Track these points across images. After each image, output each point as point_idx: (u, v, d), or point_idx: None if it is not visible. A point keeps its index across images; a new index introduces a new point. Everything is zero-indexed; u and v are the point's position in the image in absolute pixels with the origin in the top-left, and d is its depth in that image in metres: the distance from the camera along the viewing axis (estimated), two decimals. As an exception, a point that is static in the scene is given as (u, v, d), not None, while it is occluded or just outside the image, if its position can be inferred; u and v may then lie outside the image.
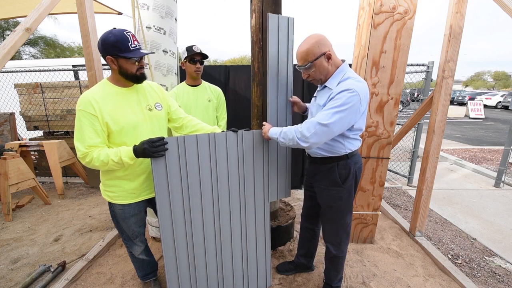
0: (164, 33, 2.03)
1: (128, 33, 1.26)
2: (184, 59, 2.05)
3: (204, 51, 2.02)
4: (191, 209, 1.46)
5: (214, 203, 1.52)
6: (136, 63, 1.30)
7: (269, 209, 1.74)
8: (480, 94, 20.91)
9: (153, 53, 1.42)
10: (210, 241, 1.55)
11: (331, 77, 1.38)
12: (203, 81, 2.20)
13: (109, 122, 1.28)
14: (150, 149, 1.25)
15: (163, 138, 1.29)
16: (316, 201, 1.68)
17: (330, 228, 1.62)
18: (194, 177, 1.44)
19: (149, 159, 1.36)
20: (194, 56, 1.99)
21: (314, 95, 1.55)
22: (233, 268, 1.65)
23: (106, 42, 1.24)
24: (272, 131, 1.45)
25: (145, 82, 1.46)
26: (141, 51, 1.29)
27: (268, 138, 1.49)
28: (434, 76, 3.23)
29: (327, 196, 1.53)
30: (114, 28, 1.27)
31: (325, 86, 1.40)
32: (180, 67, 2.82)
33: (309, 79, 1.43)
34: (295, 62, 1.50)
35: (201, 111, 2.10)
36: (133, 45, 1.26)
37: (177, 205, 1.42)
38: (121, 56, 1.25)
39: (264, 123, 1.57)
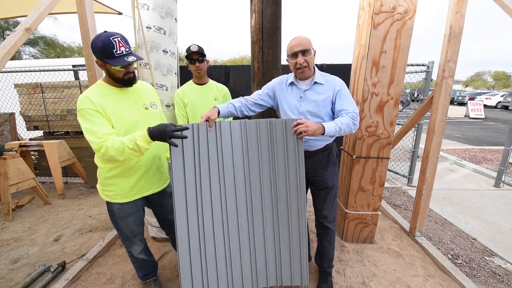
0: (164, 33, 2.03)
1: (115, 39, 1.23)
2: (187, 61, 2.06)
3: (202, 48, 2.01)
4: (202, 197, 1.47)
5: (221, 194, 1.51)
6: (123, 69, 1.30)
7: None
8: (480, 94, 20.90)
9: (142, 59, 1.41)
10: (219, 229, 1.53)
11: (315, 74, 1.59)
12: (210, 80, 2.18)
13: (112, 119, 1.30)
14: (169, 133, 1.21)
15: (186, 128, 1.29)
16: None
17: (331, 207, 1.74)
18: (208, 168, 1.47)
19: (148, 155, 1.41)
20: (191, 56, 1.99)
21: (300, 95, 1.60)
22: (241, 259, 1.61)
23: (94, 47, 1.25)
24: (330, 128, 1.41)
25: (140, 82, 1.48)
26: (126, 58, 1.26)
27: (312, 135, 1.41)
28: (434, 76, 3.23)
29: (330, 177, 1.69)
30: (105, 32, 1.26)
31: (316, 83, 1.58)
32: (181, 67, 2.83)
33: (302, 65, 1.50)
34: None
35: (207, 109, 2.10)
36: (118, 52, 1.24)
37: (191, 193, 1.46)
38: (106, 62, 1.26)
39: (302, 120, 1.43)
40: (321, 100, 1.55)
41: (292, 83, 1.64)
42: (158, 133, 1.22)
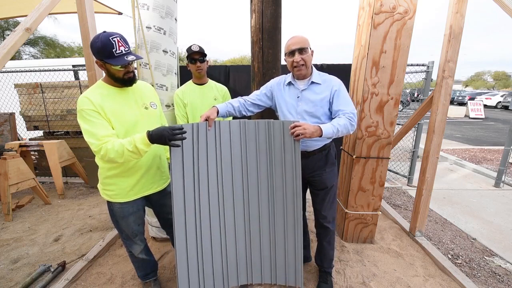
0: (164, 33, 2.03)
1: (114, 38, 1.24)
2: (187, 61, 2.07)
3: (203, 48, 2.02)
4: (200, 193, 1.49)
5: (219, 192, 1.53)
6: (122, 68, 1.30)
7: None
8: (480, 94, 20.91)
9: (141, 58, 1.42)
10: (215, 223, 1.56)
11: (313, 74, 1.57)
12: (209, 80, 2.19)
13: (112, 119, 1.30)
14: (168, 136, 1.22)
15: (182, 127, 1.27)
16: (303, 194, 1.79)
17: (330, 207, 1.74)
18: (205, 166, 1.48)
19: (148, 155, 1.41)
20: (192, 56, 1.99)
21: (298, 95, 1.59)
22: (237, 255, 1.64)
23: (93, 47, 1.26)
24: (327, 130, 1.40)
25: (139, 82, 1.49)
26: (126, 57, 1.27)
27: (310, 137, 1.40)
28: (434, 76, 3.23)
29: (329, 177, 1.68)
30: (104, 32, 1.26)
31: (313, 82, 1.57)
32: (181, 67, 2.83)
33: (299, 63, 1.50)
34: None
35: (207, 109, 2.11)
36: (118, 51, 1.25)
37: (189, 191, 1.47)
38: (106, 62, 1.26)
39: (299, 123, 1.42)
40: (318, 100, 1.54)
41: (290, 83, 1.64)
42: (158, 137, 1.23)
